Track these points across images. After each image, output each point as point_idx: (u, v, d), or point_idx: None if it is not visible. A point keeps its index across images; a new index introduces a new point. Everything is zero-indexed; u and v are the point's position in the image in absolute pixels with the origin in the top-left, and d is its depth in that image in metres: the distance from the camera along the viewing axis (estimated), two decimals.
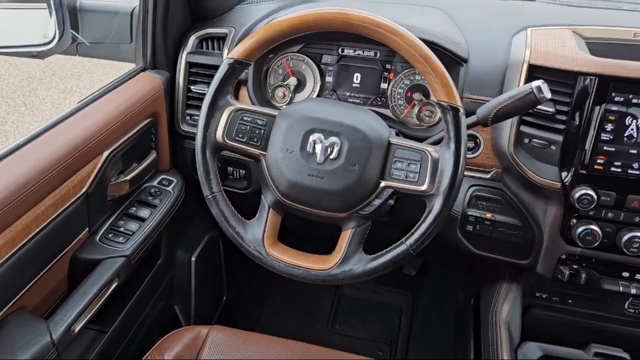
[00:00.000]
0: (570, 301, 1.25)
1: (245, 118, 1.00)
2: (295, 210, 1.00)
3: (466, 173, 1.21)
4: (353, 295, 2.02)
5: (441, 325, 1.76)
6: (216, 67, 1.01)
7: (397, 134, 1.21)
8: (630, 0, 1.35)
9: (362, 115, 0.98)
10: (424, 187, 0.93)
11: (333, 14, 0.94)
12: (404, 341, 1.85)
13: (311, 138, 0.96)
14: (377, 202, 0.96)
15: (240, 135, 1.00)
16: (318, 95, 1.33)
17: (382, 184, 0.95)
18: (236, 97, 1.33)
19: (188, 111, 1.37)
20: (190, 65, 1.35)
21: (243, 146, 1.00)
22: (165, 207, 1.29)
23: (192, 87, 1.35)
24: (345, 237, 0.98)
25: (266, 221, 1.00)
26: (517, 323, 1.17)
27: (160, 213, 1.27)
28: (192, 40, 1.36)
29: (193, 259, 1.59)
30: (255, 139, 1.00)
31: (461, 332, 1.45)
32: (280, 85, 1.34)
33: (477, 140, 1.19)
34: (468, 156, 1.20)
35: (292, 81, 1.33)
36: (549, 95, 0.95)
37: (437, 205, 0.92)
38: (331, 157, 0.95)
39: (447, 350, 1.67)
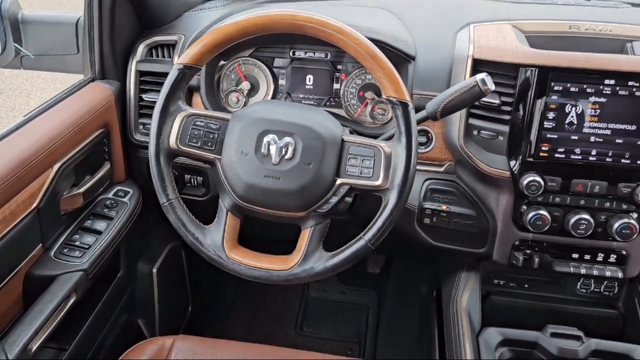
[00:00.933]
0: (526, 286, 1.30)
1: (198, 123, 1.00)
2: (253, 213, 1.00)
3: (420, 167, 1.24)
4: (320, 297, 2.02)
5: (407, 320, 1.79)
6: (167, 75, 1.01)
7: (351, 132, 1.23)
8: None
9: (315, 115, 1.00)
10: (378, 182, 0.95)
11: (280, 15, 0.95)
12: (372, 339, 1.87)
13: (265, 139, 0.96)
14: (334, 199, 0.98)
15: (194, 141, 0.99)
16: (272, 99, 1.34)
17: (338, 181, 0.97)
18: (189, 104, 1.32)
19: (141, 120, 1.35)
20: (140, 74, 1.34)
21: (197, 151, 0.99)
22: (122, 219, 1.27)
23: (143, 96, 1.34)
24: (305, 236, 0.99)
25: (225, 225, 1.00)
26: (477, 310, 1.20)
27: (117, 225, 1.25)
28: (141, 48, 1.35)
29: (154, 270, 1.56)
30: (209, 144, 0.99)
31: (426, 324, 1.48)
32: (234, 90, 1.34)
33: (429, 134, 1.22)
34: (421, 151, 1.23)
35: (245, 86, 1.33)
36: (492, 87, 0.98)
37: (392, 198, 0.94)
38: (286, 157, 0.95)
39: (414, 343, 1.70)
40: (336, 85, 1.32)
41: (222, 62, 1.34)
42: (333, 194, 0.97)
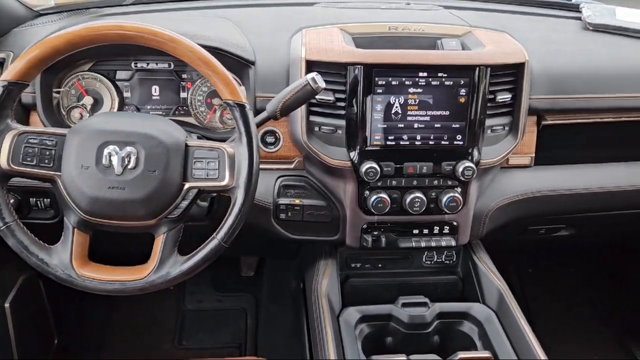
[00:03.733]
0: (380, 265, 1.42)
1: (31, 141, 0.96)
2: (102, 227, 0.99)
3: (272, 166, 1.30)
4: (196, 308, 2.01)
5: (284, 317, 1.85)
6: None
7: (199, 138, 1.26)
8: (387, 1, 1.57)
9: (155, 123, 1.01)
10: (225, 182, 0.98)
11: (107, 27, 0.95)
12: (252, 341, 1.90)
13: (106, 151, 0.96)
14: (184, 203, 1.00)
15: (28, 159, 0.96)
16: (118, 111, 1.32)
17: (186, 185, 0.99)
18: (27, 124, 1.26)
19: None
20: None
21: (33, 170, 0.96)
22: None
23: None
24: (159, 243, 1.00)
25: (72, 243, 0.98)
26: (336, 294, 1.29)
27: None
28: None
29: (7, 305, 1.45)
30: (46, 161, 0.96)
31: (297, 317, 1.55)
32: (76, 106, 1.30)
33: (276, 134, 1.29)
34: (271, 150, 1.29)
35: (88, 100, 1.30)
36: (323, 84, 1.07)
37: (239, 196, 0.98)
38: (129, 166, 0.96)
39: (291, 337, 1.76)
40: (183, 94, 1.34)
41: (59, 77, 1.29)
42: (182, 198, 0.99)
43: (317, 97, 1.18)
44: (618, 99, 1.33)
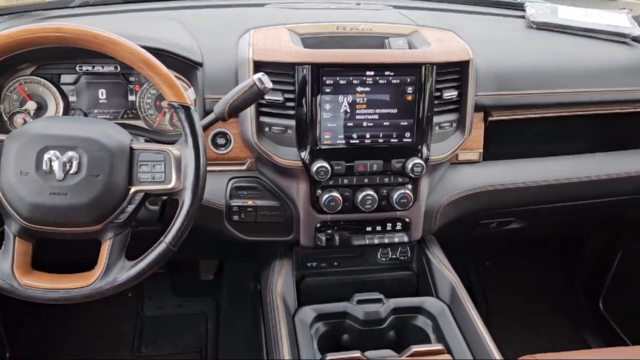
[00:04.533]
0: (336, 263, 1.42)
1: None
2: (45, 234, 0.97)
3: (223, 167, 1.29)
4: (155, 314, 1.98)
5: (243, 319, 1.84)
6: None
7: (147, 141, 1.24)
8: (337, 2, 1.59)
9: (98, 127, 0.99)
10: (171, 185, 0.98)
11: (45, 29, 0.93)
12: (213, 345, 1.89)
13: (46, 156, 0.93)
14: (130, 207, 0.98)
15: None
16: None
17: (132, 189, 0.97)
18: None
19: None
20: None
21: None
22: None
23: None
24: (105, 249, 0.98)
25: (13, 251, 0.95)
26: (291, 293, 1.29)
27: None
28: None
29: None
30: None
31: (255, 318, 1.54)
32: (18, 112, 1.26)
33: (227, 136, 1.28)
34: (222, 152, 1.28)
35: (31, 105, 1.27)
36: (270, 85, 1.07)
37: (187, 199, 0.98)
38: (71, 172, 0.94)
39: (251, 340, 1.75)
40: (131, 97, 1.32)
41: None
42: (128, 202, 0.98)
43: (265, 97, 1.19)
44: (560, 94, 1.38)
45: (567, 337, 2.02)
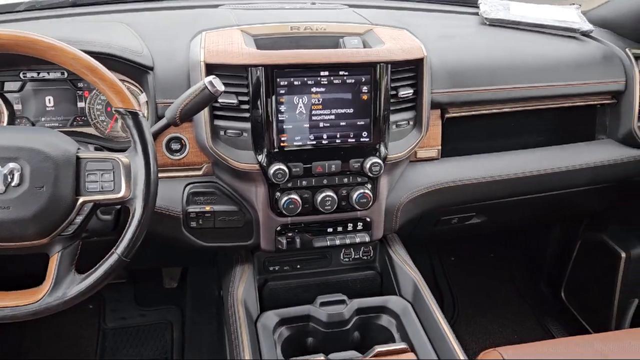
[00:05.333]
0: (299, 266, 1.41)
1: None
2: None
3: (179, 173, 1.27)
4: (118, 326, 1.93)
5: (208, 326, 1.81)
6: None
7: (98, 149, 1.20)
8: (291, 2, 1.57)
9: (41, 135, 0.95)
10: (121, 194, 0.95)
11: None
12: (178, 353, 1.85)
13: None
14: (79, 219, 0.95)
15: None
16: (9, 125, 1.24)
17: (80, 199, 0.94)
18: None
19: None
20: None
21: None
22: None
23: None
24: (53, 263, 0.95)
25: None
26: (253, 299, 1.27)
27: None
28: None
29: None
30: None
31: (220, 325, 1.51)
32: None
33: (182, 141, 1.25)
34: (177, 157, 1.25)
35: None
36: (221, 88, 1.05)
37: (138, 207, 0.95)
38: (13, 184, 0.90)
39: (216, 347, 1.72)
40: (80, 104, 1.28)
41: None
42: (77, 213, 0.94)
43: (219, 100, 1.17)
44: (513, 90, 1.40)
45: (532, 327, 2.06)
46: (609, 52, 1.52)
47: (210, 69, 1.17)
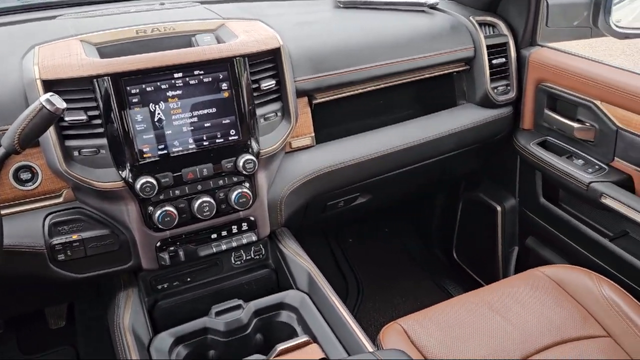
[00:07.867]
0: (189, 279, 1.34)
1: None
2: None
3: (35, 205, 1.15)
4: None
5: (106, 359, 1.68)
6: None
7: None
8: (137, 4, 1.48)
9: None
10: None
11: None
12: None
13: None
14: None
15: None
16: None
17: None
18: None
19: None
20: None
21: None
22: None
23: None
24: None
25: None
26: (142, 323, 1.18)
27: None
28: None
29: None
30: None
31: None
32: None
33: (33, 169, 1.14)
34: (30, 187, 1.13)
35: None
36: (62, 105, 0.95)
37: None
38: None
39: None
40: None
41: None
42: None
43: (65, 118, 1.07)
44: (373, 68, 1.43)
45: (431, 291, 2.16)
46: (456, 22, 1.61)
47: (49, 85, 1.06)
